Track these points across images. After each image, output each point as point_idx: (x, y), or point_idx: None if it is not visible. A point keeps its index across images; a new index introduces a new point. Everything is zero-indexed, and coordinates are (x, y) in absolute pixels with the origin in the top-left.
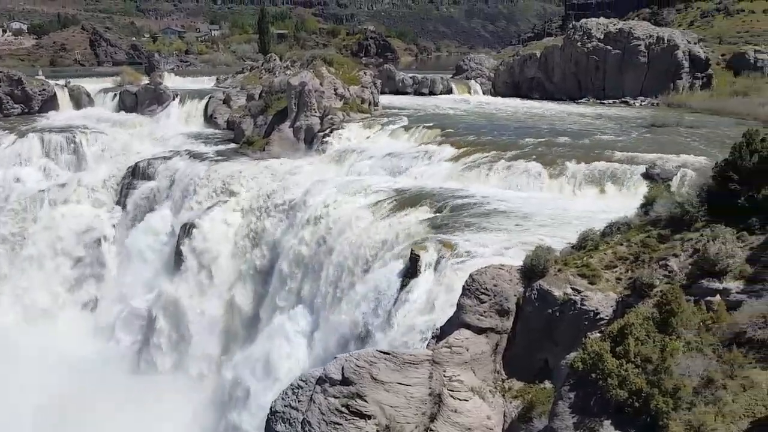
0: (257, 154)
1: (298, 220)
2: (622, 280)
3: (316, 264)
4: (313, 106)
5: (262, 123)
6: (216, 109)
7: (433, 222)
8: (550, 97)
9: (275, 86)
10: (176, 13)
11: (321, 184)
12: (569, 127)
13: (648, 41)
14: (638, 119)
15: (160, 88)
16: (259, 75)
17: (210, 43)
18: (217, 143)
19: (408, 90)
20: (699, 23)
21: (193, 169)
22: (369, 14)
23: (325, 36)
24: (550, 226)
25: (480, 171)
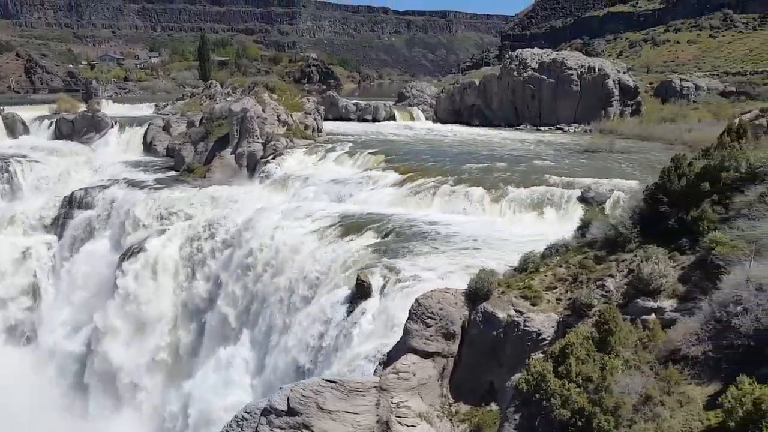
0: (198, 182)
1: (241, 247)
2: (563, 301)
3: (260, 292)
4: (255, 132)
5: (203, 150)
6: (155, 136)
7: (379, 247)
8: (490, 123)
9: (216, 113)
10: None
11: (265, 210)
12: (508, 153)
13: (580, 71)
14: (573, 145)
15: (97, 116)
16: (200, 102)
17: (149, 70)
18: (157, 171)
19: (351, 116)
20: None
21: (132, 198)
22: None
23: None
24: (492, 249)
25: (424, 196)
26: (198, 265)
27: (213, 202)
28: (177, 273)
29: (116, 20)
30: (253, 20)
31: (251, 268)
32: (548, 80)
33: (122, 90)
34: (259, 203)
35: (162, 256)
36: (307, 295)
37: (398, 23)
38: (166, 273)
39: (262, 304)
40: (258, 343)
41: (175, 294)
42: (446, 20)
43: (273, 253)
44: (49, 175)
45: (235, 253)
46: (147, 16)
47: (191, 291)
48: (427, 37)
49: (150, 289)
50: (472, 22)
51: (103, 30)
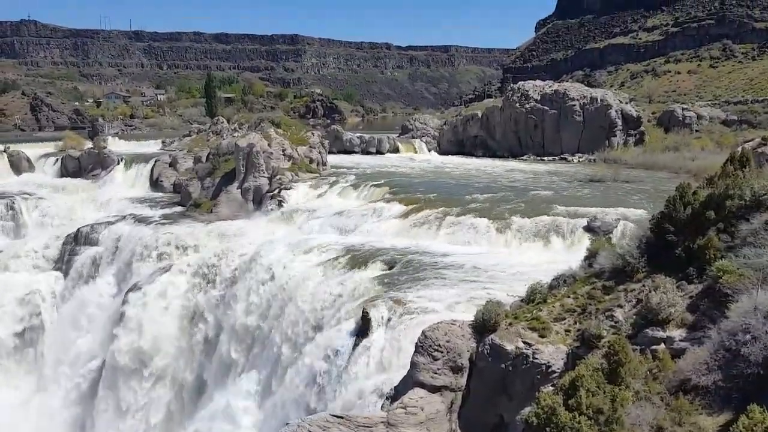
0: (205, 216)
1: (247, 280)
2: (572, 332)
3: (266, 325)
4: (261, 167)
5: (209, 185)
6: (162, 172)
7: (385, 279)
8: (493, 154)
9: (223, 148)
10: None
11: (271, 244)
12: (513, 183)
13: (582, 101)
14: (577, 175)
15: (103, 152)
16: (207, 138)
17: (156, 107)
18: (164, 207)
19: (356, 149)
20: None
21: (138, 234)
22: (316, 78)
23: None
24: (499, 280)
25: (429, 227)
26: (204, 299)
27: (220, 237)
28: (183, 308)
29: (122, 58)
30: (258, 58)
31: (257, 301)
32: (551, 111)
33: (128, 127)
34: (265, 236)
35: (168, 291)
36: (313, 329)
37: (401, 58)
38: (173, 308)
39: (268, 337)
40: (263, 378)
41: (180, 329)
42: (448, 54)
43: (278, 287)
44: (54, 212)
45: (240, 287)
46: (153, 54)
47: (197, 326)
48: (430, 71)
49: (156, 325)
50: (473, 55)
51: (109, 68)
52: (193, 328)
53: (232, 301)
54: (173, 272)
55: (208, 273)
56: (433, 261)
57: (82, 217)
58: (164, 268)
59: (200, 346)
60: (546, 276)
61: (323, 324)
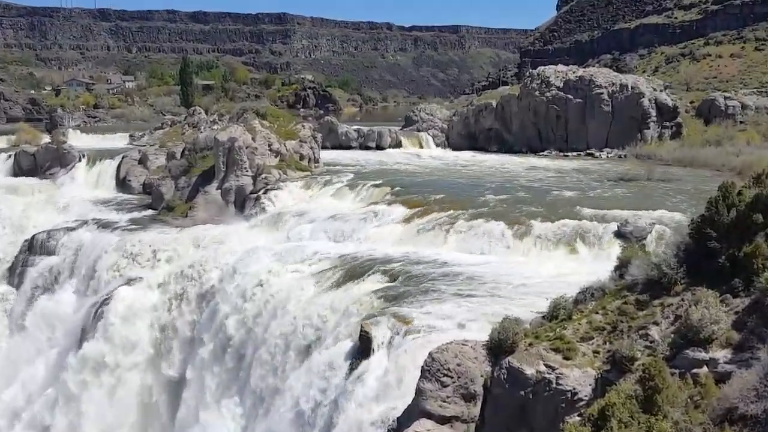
0: (179, 221)
1: (228, 295)
2: (600, 354)
3: (249, 346)
4: (244, 164)
5: (184, 185)
6: (130, 170)
7: (386, 293)
8: (510, 149)
9: (200, 143)
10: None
11: (255, 252)
12: (532, 182)
13: (611, 89)
14: (606, 172)
15: (63, 148)
16: (182, 131)
17: (124, 95)
18: (132, 210)
19: (352, 144)
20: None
21: (102, 241)
22: (307, 62)
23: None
24: (517, 294)
25: (436, 233)
26: (178, 316)
27: (196, 244)
28: (153, 326)
29: (85, 40)
30: (241, 40)
31: (241, 317)
32: (575, 100)
33: (92, 118)
34: (249, 244)
35: (136, 307)
36: (304, 351)
37: (404, 40)
38: (141, 326)
39: (251, 361)
40: (247, 408)
41: (150, 350)
42: (458, 36)
43: (264, 302)
44: (5, 217)
45: (220, 302)
46: (121, 35)
47: (169, 346)
48: (437, 55)
49: (122, 346)
50: (487, 37)
51: (70, 51)
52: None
53: (209, 318)
54: (142, 285)
55: (183, 287)
56: (442, 272)
57: (38, 223)
58: (132, 280)
59: (173, 371)
60: (571, 289)
61: (316, 345)
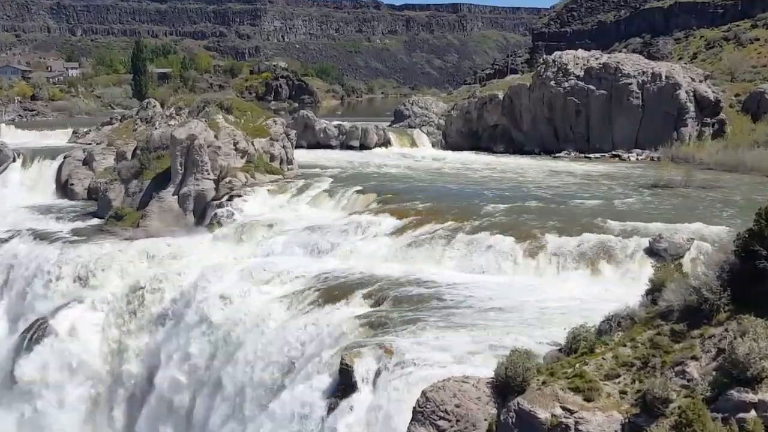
0: (129, 232)
1: (184, 321)
2: (628, 394)
3: (209, 382)
4: (205, 166)
5: (136, 190)
6: (73, 172)
7: (371, 319)
8: (520, 149)
9: (155, 141)
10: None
11: (217, 270)
12: (546, 189)
13: (641, 79)
14: (635, 177)
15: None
16: (133, 127)
17: (66, 85)
18: (75, 218)
19: (332, 143)
20: (704, 56)
21: (39, 255)
22: (279, 47)
23: (222, 75)
24: (528, 322)
25: (432, 248)
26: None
27: (149, 259)
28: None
29: (21, 20)
30: (203, 21)
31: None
32: (598, 91)
33: (29, 112)
34: (211, 259)
35: (77, 333)
36: (274, 386)
37: (394, 21)
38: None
39: (213, 398)
40: None
41: (93, 388)
42: (458, 15)
43: (227, 329)
44: None
45: (176, 329)
46: (63, 15)
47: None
48: (433, 38)
49: (60, 381)
50: (492, 17)
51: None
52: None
53: (162, 348)
54: (84, 308)
55: (132, 309)
56: (438, 294)
57: None
58: (73, 301)
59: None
60: (593, 316)
61: (287, 380)
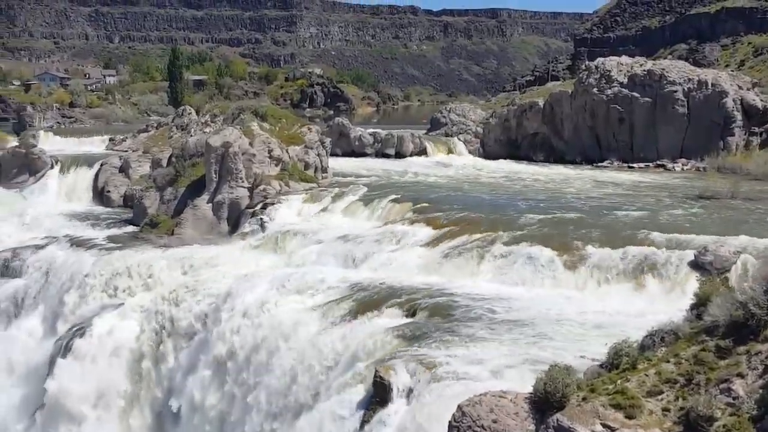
0: (164, 240)
1: (216, 330)
2: (671, 412)
3: (241, 393)
4: (239, 173)
5: (171, 197)
6: (109, 179)
7: (405, 330)
8: (560, 158)
9: (190, 149)
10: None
11: (250, 279)
12: (588, 199)
13: (687, 86)
14: (680, 188)
15: (33, 153)
16: (169, 134)
17: (104, 92)
18: (111, 225)
19: (367, 151)
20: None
21: (75, 262)
22: (315, 54)
23: (258, 82)
24: (567, 336)
25: (468, 259)
26: (160, 353)
27: (183, 268)
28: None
29: (60, 28)
30: (239, 27)
31: (229, 358)
32: (642, 99)
33: (67, 119)
34: (243, 269)
35: (112, 340)
36: (307, 398)
37: (431, 27)
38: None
39: (244, 410)
40: None
41: (127, 395)
42: (498, 21)
43: (259, 339)
44: None
45: (208, 338)
46: (101, 23)
47: (149, 389)
48: (471, 44)
49: (94, 386)
50: (533, 22)
51: (42, 41)
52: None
53: (195, 355)
54: (119, 315)
55: (166, 317)
56: (474, 306)
57: (1, 239)
58: (107, 309)
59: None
60: (636, 331)
61: (320, 392)
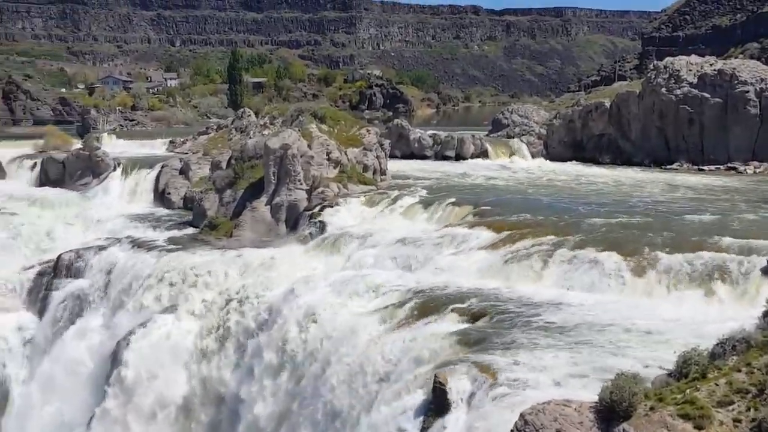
0: (223, 242)
1: (274, 333)
2: (743, 423)
3: (299, 398)
4: (298, 176)
5: (230, 199)
6: (170, 181)
7: (466, 336)
8: (627, 160)
9: (248, 151)
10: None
11: (308, 281)
12: (656, 203)
13: (759, 86)
14: (752, 191)
15: (96, 155)
16: (228, 136)
17: (165, 95)
18: (171, 227)
19: (427, 153)
20: None
21: (136, 263)
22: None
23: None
24: (634, 344)
25: (531, 264)
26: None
27: (241, 270)
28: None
29: (123, 32)
30: (299, 29)
31: (288, 361)
32: (713, 100)
33: (129, 121)
34: (302, 271)
35: (170, 342)
36: (365, 403)
37: (493, 26)
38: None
39: (301, 414)
40: None
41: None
42: (562, 20)
43: (318, 343)
44: (28, 233)
45: (266, 341)
46: (163, 26)
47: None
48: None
49: (155, 386)
50: (599, 21)
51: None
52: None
53: (252, 361)
54: (179, 315)
55: (224, 319)
56: (537, 312)
57: (66, 240)
58: (168, 310)
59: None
60: (706, 339)
61: (379, 397)
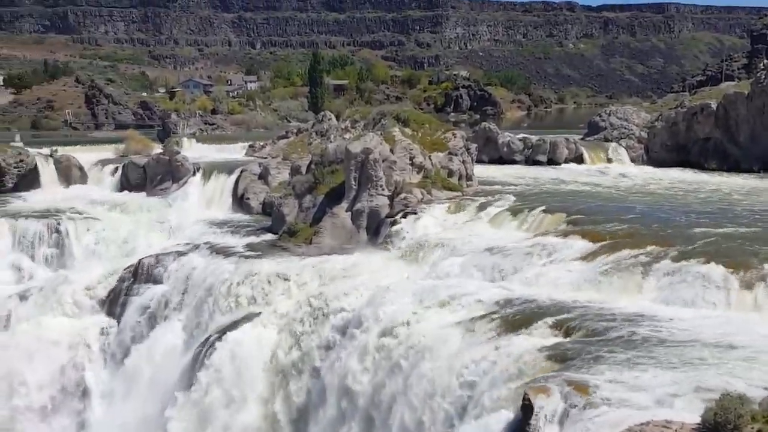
0: (302, 248)
1: (354, 344)
2: None
3: (379, 412)
4: (380, 181)
5: (309, 205)
6: (249, 187)
7: (558, 351)
8: (735, 166)
9: (329, 155)
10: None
11: (390, 291)
12: (765, 213)
13: None
14: None
15: (176, 160)
16: (309, 140)
17: (245, 99)
18: (250, 233)
19: (516, 157)
20: None
21: (215, 269)
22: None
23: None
24: (741, 363)
25: (629, 276)
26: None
27: (320, 278)
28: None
29: (204, 35)
30: (382, 29)
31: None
32: None
33: (209, 126)
34: (384, 279)
35: (252, 348)
36: (448, 420)
37: (590, 24)
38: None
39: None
40: None
41: (267, 402)
42: (664, 16)
43: (400, 354)
44: (110, 238)
45: (345, 351)
46: (244, 28)
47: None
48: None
49: (234, 393)
50: (704, 17)
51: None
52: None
53: (331, 371)
54: (259, 323)
55: (304, 327)
56: (635, 328)
57: (146, 245)
58: (247, 317)
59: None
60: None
61: (462, 414)
